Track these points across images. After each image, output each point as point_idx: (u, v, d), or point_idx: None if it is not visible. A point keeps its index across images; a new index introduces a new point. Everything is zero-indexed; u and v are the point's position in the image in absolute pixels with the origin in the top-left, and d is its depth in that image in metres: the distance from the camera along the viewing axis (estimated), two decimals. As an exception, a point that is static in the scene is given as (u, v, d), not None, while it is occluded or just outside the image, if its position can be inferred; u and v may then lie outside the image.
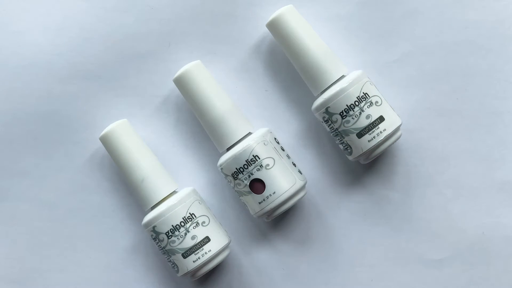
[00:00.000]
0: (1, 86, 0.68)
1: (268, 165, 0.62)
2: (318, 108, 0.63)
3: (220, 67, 0.67)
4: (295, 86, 0.67)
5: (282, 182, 0.62)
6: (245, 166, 0.62)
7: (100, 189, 0.68)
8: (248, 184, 0.62)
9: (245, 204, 0.63)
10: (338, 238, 0.67)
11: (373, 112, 0.62)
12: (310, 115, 0.67)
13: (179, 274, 0.63)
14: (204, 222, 0.63)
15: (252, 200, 0.62)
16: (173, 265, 0.63)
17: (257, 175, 0.62)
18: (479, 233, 0.66)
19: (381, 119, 0.62)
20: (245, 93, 0.67)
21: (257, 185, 0.62)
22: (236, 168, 0.62)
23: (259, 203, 0.62)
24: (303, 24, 0.63)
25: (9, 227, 0.68)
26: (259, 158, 0.62)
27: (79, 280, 0.67)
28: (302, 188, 0.63)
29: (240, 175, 0.62)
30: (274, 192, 0.62)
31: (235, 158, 0.62)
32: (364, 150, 0.62)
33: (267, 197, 0.62)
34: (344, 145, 0.63)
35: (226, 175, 0.63)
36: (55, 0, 0.68)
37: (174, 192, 0.64)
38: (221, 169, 0.63)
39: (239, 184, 0.62)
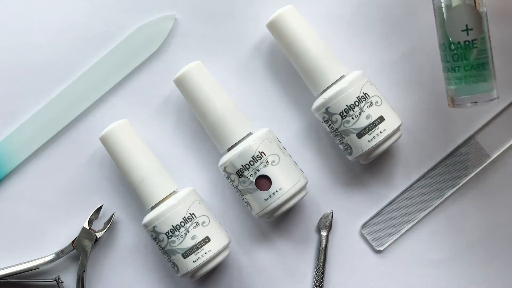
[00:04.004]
0: (1, 86, 0.68)
1: (274, 161, 0.62)
2: (318, 108, 0.63)
3: (220, 67, 0.67)
4: (295, 86, 0.67)
5: (288, 178, 0.62)
6: (251, 163, 0.62)
7: (100, 189, 0.68)
8: (253, 181, 0.62)
9: (247, 204, 0.63)
10: (338, 238, 0.67)
11: (373, 112, 0.62)
12: (310, 115, 0.67)
13: (179, 274, 0.63)
14: (204, 222, 0.63)
15: (256, 198, 0.62)
16: (173, 265, 0.63)
17: (263, 171, 0.62)
18: (479, 233, 0.66)
19: (381, 119, 0.62)
20: (245, 93, 0.67)
21: (263, 182, 0.62)
22: (242, 165, 0.62)
23: (265, 200, 0.62)
24: (303, 24, 0.63)
25: (9, 227, 0.68)
26: (265, 155, 0.62)
27: (79, 280, 0.67)
28: (305, 186, 0.64)
29: (246, 172, 0.62)
30: (281, 188, 0.62)
31: (241, 154, 0.62)
32: (364, 150, 0.63)
33: (274, 194, 0.62)
34: (344, 145, 0.63)
35: (230, 174, 0.63)
36: (55, 0, 0.68)
37: (174, 192, 0.64)
38: (225, 168, 0.63)
39: (244, 182, 0.62)
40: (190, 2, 0.68)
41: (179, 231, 0.62)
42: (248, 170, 0.62)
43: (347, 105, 0.62)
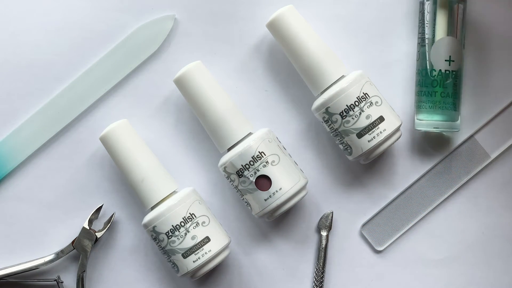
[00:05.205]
0: (1, 86, 0.68)
1: (274, 161, 0.62)
2: (318, 108, 0.63)
3: (220, 67, 0.67)
4: (295, 86, 0.67)
5: (287, 178, 0.62)
6: (251, 163, 0.62)
7: (100, 189, 0.68)
8: (253, 181, 0.62)
9: (247, 204, 0.63)
10: (338, 238, 0.67)
11: (373, 112, 0.62)
12: (310, 115, 0.67)
13: (179, 274, 0.63)
14: (204, 222, 0.63)
15: (256, 198, 0.62)
16: (173, 265, 0.63)
17: (263, 171, 0.62)
18: (479, 233, 0.66)
19: (381, 119, 0.62)
20: (245, 93, 0.67)
21: (263, 182, 0.62)
22: (242, 165, 0.62)
23: (265, 200, 0.62)
24: (303, 24, 0.63)
25: (9, 227, 0.68)
26: (265, 155, 0.62)
27: (79, 280, 0.67)
28: (305, 186, 0.64)
29: (246, 172, 0.62)
30: (281, 188, 0.62)
31: (241, 154, 0.62)
32: (364, 150, 0.63)
33: (273, 194, 0.62)
34: (344, 145, 0.63)
35: (230, 174, 0.63)
36: (55, 0, 0.68)
37: (174, 192, 0.64)
38: (225, 167, 0.63)
39: (244, 182, 0.62)
40: (190, 2, 0.68)
41: (179, 231, 0.62)
42: (248, 170, 0.62)
43: (347, 105, 0.62)
